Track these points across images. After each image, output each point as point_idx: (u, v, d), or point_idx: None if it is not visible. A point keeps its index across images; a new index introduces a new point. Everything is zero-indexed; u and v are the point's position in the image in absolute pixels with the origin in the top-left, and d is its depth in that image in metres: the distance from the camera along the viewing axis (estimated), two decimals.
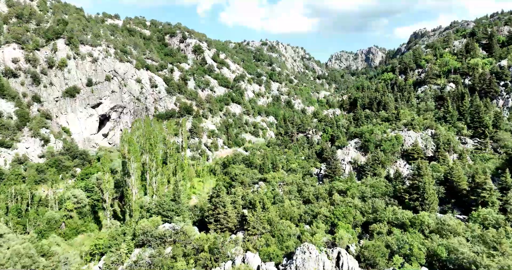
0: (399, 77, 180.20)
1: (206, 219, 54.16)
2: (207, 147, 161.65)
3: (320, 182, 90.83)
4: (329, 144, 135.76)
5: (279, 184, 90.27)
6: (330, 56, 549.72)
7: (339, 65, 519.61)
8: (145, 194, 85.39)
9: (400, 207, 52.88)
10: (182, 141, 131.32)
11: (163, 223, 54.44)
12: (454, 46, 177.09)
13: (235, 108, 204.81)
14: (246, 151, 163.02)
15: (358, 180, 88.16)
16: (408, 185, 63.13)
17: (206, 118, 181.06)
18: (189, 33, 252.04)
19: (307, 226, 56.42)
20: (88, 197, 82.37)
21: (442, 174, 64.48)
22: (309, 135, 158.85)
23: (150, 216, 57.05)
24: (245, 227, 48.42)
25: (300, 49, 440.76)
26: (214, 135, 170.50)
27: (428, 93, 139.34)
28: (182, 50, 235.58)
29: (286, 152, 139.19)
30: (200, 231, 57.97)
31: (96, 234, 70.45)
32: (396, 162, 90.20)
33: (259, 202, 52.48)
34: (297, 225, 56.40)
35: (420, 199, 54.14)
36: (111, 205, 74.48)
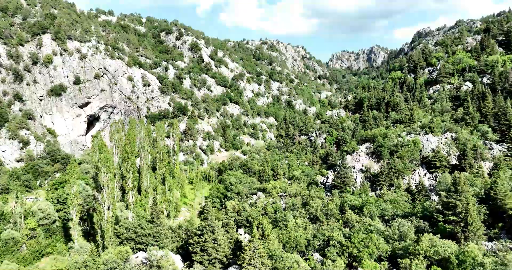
0: (408, 76, 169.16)
1: (190, 248, 42.98)
2: (202, 151, 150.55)
3: (328, 194, 79.35)
4: (334, 148, 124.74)
5: (281, 196, 78.87)
6: (331, 55, 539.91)
7: (341, 65, 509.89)
8: (127, 207, 74.16)
9: (438, 236, 41.75)
10: (174, 144, 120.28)
11: (136, 252, 43.26)
12: (467, 43, 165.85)
13: (233, 109, 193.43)
14: (244, 154, 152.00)
15: (372, 191, 76.81)
16: (439, 202, 51.91)
17: (202, 119, 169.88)
18: (186, 30, 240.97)
19: (318, 255, 45.26)
20: (60, 210, 71.02)
21: (482, 190, 53.18)
22: (312, 138, 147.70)
23: (121, 242, 45.88)
24: (239, 262, 37.34)
25: (301, 49, 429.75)
26: (210, 137, 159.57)
27: (442, 93, 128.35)
28: (178, 48, 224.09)
29: (288, 156, 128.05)
30: (185, 260, 46.75)
31: (65, 256, 59.29)
32: (415, 170, 78.82)
33: (257, 227, 41.36)
34: (304, 254, 45.20)
35: (461, 223, 42.93)
36: (80, 224, 63.02)
